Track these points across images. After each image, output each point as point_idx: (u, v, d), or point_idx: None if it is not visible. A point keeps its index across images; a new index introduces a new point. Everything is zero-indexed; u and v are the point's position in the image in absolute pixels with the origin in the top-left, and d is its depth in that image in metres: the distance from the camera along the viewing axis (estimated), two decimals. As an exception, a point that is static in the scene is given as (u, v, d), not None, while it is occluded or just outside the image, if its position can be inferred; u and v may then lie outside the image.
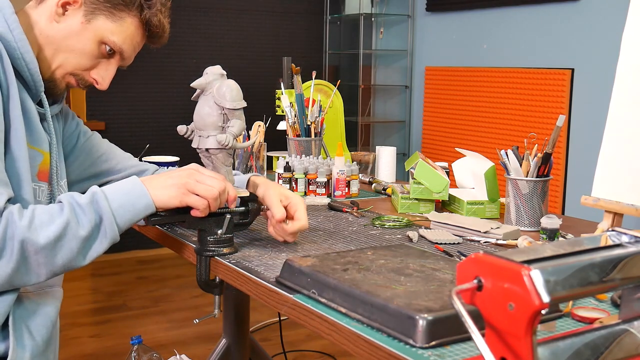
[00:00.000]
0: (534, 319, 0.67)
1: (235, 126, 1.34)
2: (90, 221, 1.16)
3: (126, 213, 1.20)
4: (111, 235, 1.19)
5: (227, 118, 1.35)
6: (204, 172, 1.27)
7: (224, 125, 1.35)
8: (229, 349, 2.03)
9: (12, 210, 1.12)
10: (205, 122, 1.35)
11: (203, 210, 1.24)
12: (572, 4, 3.58)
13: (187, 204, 1.24)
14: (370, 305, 0.98)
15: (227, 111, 1.34)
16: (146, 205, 1.22)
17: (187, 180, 1.24)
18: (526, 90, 3.80)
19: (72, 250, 1.15)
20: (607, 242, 0.81)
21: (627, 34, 1.47)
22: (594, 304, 1.10)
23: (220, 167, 1.37)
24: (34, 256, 1.12)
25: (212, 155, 1.37)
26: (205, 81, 1.39)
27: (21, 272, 1.13)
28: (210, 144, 1.35)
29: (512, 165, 1.62)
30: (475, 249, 1.41)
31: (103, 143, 1.53)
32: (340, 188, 1.91)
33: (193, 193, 1.24)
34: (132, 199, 1.21)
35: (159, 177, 1.26)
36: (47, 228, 1.12)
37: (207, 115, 1.35)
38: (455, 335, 0.92)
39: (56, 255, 1.14)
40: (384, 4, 4.86)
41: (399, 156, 2.63)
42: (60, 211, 1.15)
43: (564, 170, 3.61)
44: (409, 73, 4.74)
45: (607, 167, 1.46)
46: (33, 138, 1.25)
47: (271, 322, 3.24)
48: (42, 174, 1.27)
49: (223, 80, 1.38)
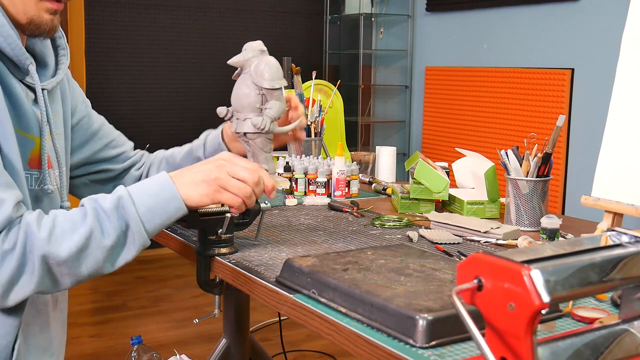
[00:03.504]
0: (534, 319, 0.67)
1: (273, 108, 1.23)
2: (115, 229, 1.08)
3: (155, 217, 1.11)
4: (140, 241, 1.10)
5: (266, 99, 1.24)
6: (237, 162, 1.17)
7: (262, 107, 1.24)
8: (229, 349, 2.03)
9: (30, 221, 1.05)
10: (243, 104, 1.24)
11: (238, 207, 1.16)
12: (572, 4, 3.58)
13: (219, 202, 1.16)
14: (370, 305, 0.98)
15: (265, 91, 1.23)
16: (177, 208, 1.13)
17: (218, 174, 1.14)
18: (526, 90, 3.80)
19: (98, 260, 1.08)
20: (607, 242, 0.81)
21: (627, 34, 1.47)
22: (594, 304, 1.10)
23: (259, 153, 1.27)
24: (57, 268, 1.05)
25: (249, 140, 1.26)
26: (244, 58, 1.25)
27: (45, 284, 1.06)
28: (248, 127, 1.24)
29: (512, 165, 1.62)
30: (475, 249, 1.41)
31: (112, 129, 1.49)
32: (340, 188, 1.91)
33: (225, 190, 1.15)
34: (162, 201, 1.12)
35: (189, 172, 1.17)
36: (69, 238, 1.05)
37: (244, 95, 1.24)
38: (455, 335, 0.92)
39: (81, 266, 1.07)
40: (384, 4, 4.86)
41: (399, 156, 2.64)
42: (83, 219, 1.07)
43: (564, 170, 3.61)
44: (409, 73, 4.74)
45: (607, 167, 1.46)
46: (23, 124, 1.16)
47: (271, 322, 3.24)
48: (34, 161, 1.19)
49: (262, 57, 1.24)
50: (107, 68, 4.25)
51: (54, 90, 1.27)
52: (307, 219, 1.65)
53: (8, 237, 1.03)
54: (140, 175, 1.50)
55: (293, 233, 1.51)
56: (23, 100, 1.16)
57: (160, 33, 4.45)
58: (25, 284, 1.04)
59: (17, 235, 1.03)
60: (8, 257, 1.03)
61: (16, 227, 1.04)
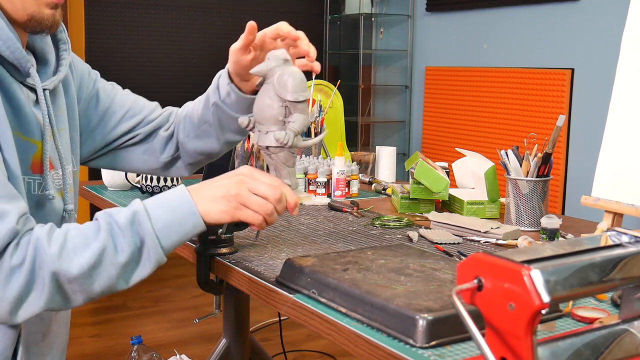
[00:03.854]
0: (534, 319, 0.67)
1: (296, 122, 1.17)
2: (130, 245, 1.03)
3: (172, 234, 1.06)
4: (156, 258, 1.05)
5: (289, 111, 1.17)
6: (258, 176, 1.12)
7: (285, 120, 1.18)
8: (229, 349, 2.03)
9: (41, 236, 1.00)
10: (265, 116, 1.18)
11: (259, 225, 1.11)
12: (572, 4, 3.58)
13: (239, 220, 1.11)
14: (370, 305, 0.98)
15: (289, 104, 1.16)
16: (195, 224, 1.07)
17: (238, 191, 1.09)
18: (526, 90, 3.80)
19: (111, 277, 1.03)
20: (607, 242, 0.81)
21: (627, 34, 1.47)
22: (594, 304, 1.10)
23: (282, 167, 1.21)
24: (68, 285, 1.01)
25: (272, 154, 1.20)
26: (267, 67, 1.18)
27: (56, 301, 1.02)
28: (270, 141, 1.18)
29: (512, 165, 1.62)
30: (475, 249, 1.41)
31: (127, 97, 1.42)
32: (340, 188, 1.91)
33: (245, 206, 1.10)
34: (179, 217, 1.06)
35: (208, 186, 1.11)
36: (80, 255, 1.00)
37: (266, 107, 1.17)
38: (455, 335, 0.92)
39: (93, 283, 1.02)
40: (384, 4, 4.86)
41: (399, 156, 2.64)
42: (96, 233, 1.03)
43: (564, 170, 3.61)
44: (409, 73, 4.74)
45: (607, 167, 1.46)
46: (24, 128, 1.13)
47: (271, 322, 3.24)
48: (36, 166, 1.16)
49: (286, 67, 1.17)
50: (107, 68, 4.24)
51: (56, 86, 1.23)
52: (307, 219, 1.65)
53: (17, 252, 0.99)
54: (170, 136, 1.42)
55: (293, 233, 1.51)
56: (24, 103, 1.13)
57: (160, 33, 4.45)
58: (34, 301, 1.00)
59: (27, 250, 0.99)
60: (16, 273, 0.98)
61: (25, 242, 1.00)
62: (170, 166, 1.44)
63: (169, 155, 1.42)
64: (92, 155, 1.39)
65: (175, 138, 1.42)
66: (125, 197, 1.91)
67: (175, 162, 1.44)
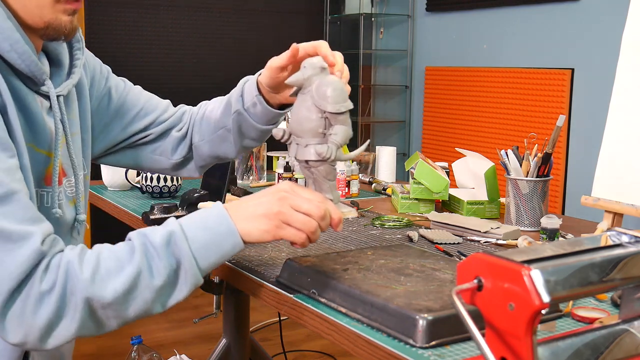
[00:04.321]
0: (534, 319, 0.67)
1: (339, 134, 1.10)
2: (166, 267, 0.98)
3: (210, 255, 1.01)
4: (193, 281, 1.01)
5: (329, 123, 1.10)
6: (300, 192, 1.06)
7: (325, 132, 1.11)
8: (229, 349, 2.03)
9: (72, 259, 0.96)
10: (303, 128, 1.11)
11: (302, 244, 1.05)
12: (572, 4, 3.58)
13: (281, 238, 1.05)
14: (370, 305, 0.98)
15: (329, 115, 1.09)
16: (234, 244, 1.02)
17: (280, 208, 1.03)
18: (526, 90, 3.80)
19: (147, 301, 0.98)
20: (607, 242, 0.81)
21: (627, 34, 1.47)
22: (594, 304, 1.10)
23: (323, 182, 1.14)
24: (102, 311, 0.96)
25: (312, 167, 1.13)
26: (303, 76, 1.12)
27: (88, 327, 0.97)
28: (310, 155, 1.11)
29: (512, 165, 1.62)
30: (475, 249, 1.41)
31: (139, 95, 1.38)
32: (340, 188, 1.91)
33: (288, 225, 1.04)
34: (217, 237, 1.02)
35: (247, 203, 1.06)
36: (114, 279, 0.96)
37: (304, 119, 1.10)
38: (455, 335, 0.92)
39: (128, 308, 0.98)
40: (384, 4, 4.86)
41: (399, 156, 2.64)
42: (131, 255, 0.98)
43: (564, 170, 3.61)
44: (409, 73, 4.74)
45: (607, 167, 1.46)
46: (37, 140, 1.10)
47: (271, 322, 3.24)
48: (49, 178, 1.13)
49: (324, 77, 1.11)
50: (107, 68, 4.24)
51: (69, 91, 1.20)
52: (307, 219, 1.65)
53: (46, 277, 0.94)
54: (183, 137, 1.39)
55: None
56: (38, 114, 1.10)
57: (160, 33, 4.45)
58: (65, 328, 0.96)
59: (57, 274, 0.94)
60: (46, 299, 0.94)
61: (55, 266, 0.95)
62: (181, 167, 1.42)
63: (180, 156, 1.39)
64: (101, 152, 1.37)
65: (188, 139, 1.39)
66: (125, 197, 1.91)
67: (187, 164, 1.41)
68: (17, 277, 0.92)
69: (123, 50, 4.28)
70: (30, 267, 0.93)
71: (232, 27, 4.66)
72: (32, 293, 0.93)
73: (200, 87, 4.55)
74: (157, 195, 1.88)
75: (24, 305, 0.93)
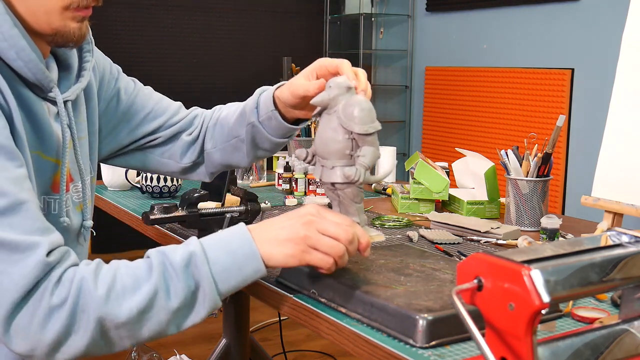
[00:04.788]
0: (534, 319, 0.68)
1: (367, 155, 1.07)
2: (184, 289, 0.95)
3: (230, 279, 0.98)
4: (211, 304, 0.97)
5: (357, 144, 1.08)
6: (327, 215, 1.02)
7: (352, 153, 1.07)
8: (229, 349, 2.03)
9: (86, 276, 0.93)
10: (329, 149, 1.08)
11: (328, 269, 1.01)
12: (572, 4, 3.58)
13: (307, 264, 1.01)
14: (370, 305, 0.98)
15: (356, 136, 1.06)
16: (255, 269, 0.99)
17: (307, 232, 1.00)
18: (526, 90, 3.80)
19: (161, 322, 0.95)
20: (607, 242, 0.81)
21: (627, 34, 1.47)
22: (594, 304, 1.10)
23: (350, 204, 1.11)
24: (115, 331, 0.94)
25: (338, 190, 1.10)
26: (329, 96, 1.07)
27: (99, 346, 0.94)
28: (337, 177, 1.08)
29: (512, 165, 1.62)
30: (475, 249, 1.41)
31: (149, 97, 1.36)
32: (340, 188, 1.91)
33: (314, 249, 1.00)
34: (239, 260, 0.98)
35: (271, 226, 1.02)
36: (130, 298, 0.93)
37: (331, 140, 1.07)
38: (455, 335, 0.92)
39: (141, 328, 0.95)
40: (384, 4, 4.86)
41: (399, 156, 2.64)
42: (148, 274, 0.95)
43: (564, 170, 3.61)
44: (409, 73, 4.74)
45: (607, 167, 1.46)
46: (45, 147, 1.08)
47: (271, 322, 3.24)
48: (57, 185, 1.11)
49: (350, 97, 1.07)
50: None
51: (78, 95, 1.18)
52: (307, 219, 1.65)
53: (57, 290, 0.92)
54: (194, 141, 1.36)
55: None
56: (45, 121, 1.08)
57: (160, 33, 4.45)
58: (74, 345, 0.93)
59: (69, 289, 0.92)
60: (56, 313, 0.91)
61: (68, 280, 0.93)
62: (191, 171, 1.39)
63: (190, 161, 1.37)
64: (109, 154, 1.35)
65: (199, 143, 1.37)
66: (125, 197, 1.91)
67: (197, 168, 1.39)
68: (22, 288, 0.90)
69: (123, 50, 4.29)
70: (36, 278, 0.91)
71: (232, 27, 4.66)
72: (41, 306, 0.91)
73: (200, 87, 4.56)
74: (157, 195, 1.88)
75: (32, 318, 0.91)
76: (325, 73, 1.16)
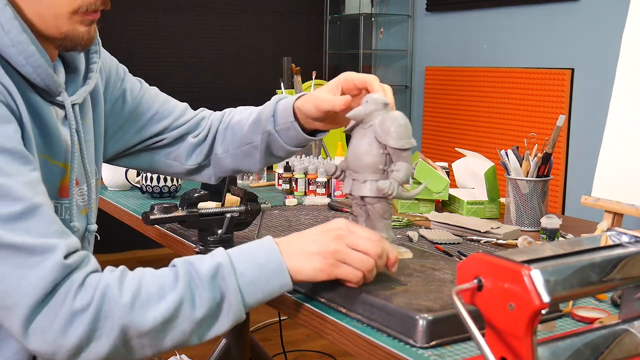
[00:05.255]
0: (534, 319, 0.67)
1: (401, 170, 1.07)
2: (209, 300, 0.94)
3: (257, 292, 0.97)
4: (235, 316, 0.97)
5: (390, 159, 1.09)
6: (356, 230, 1.02)
7: (385, 168, 1.09)
8: (229, 349, 2.03)
9: (111, 283, 0.92)
10: (362, 163, 1.09)
11: (357, 282, 1.01)
12: (572, 4, 3.58)
13: (336, 278, 1.01)
14: (370, 305, 0.98)
15: (392, 151, 1.07)
16: (282, 283, 0.98)
17: (337, 247, 0.99)
18: (526, 90, 3.80)
19: (184, 332, 0.95)
20: (607, 242, 0.81)
21: (627, 34, 1.47)
22: (594, 304, 1.10)
23: (378, 220, 1.11)
24: (137, 339, 0.92)
25: (367, 204, 1.11)
26: (365, 111, 1.09)
27: (120, 354, 0.93)
28: (368, 191, 1.08)
29: (512, 165, 1.62)
30: (475, 249, 1.41)
31: (155, 98, 1.35)
32: (340, 188, 1.91)
33: (344, 263, 1.00)
34: (266, 274, 0.98)
35: (300, 240, 1.02)
36: (155, 307, 0.92)
37: (365, 154, 1.08)
38: (455, 335, 0.92)
39: (164, 338, 0.94)
40: (384, 4, 4.86)
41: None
42: (174, 284, 0.94)
43: (564, 170, 3.61)
44: (409, 73, 4.74)
45: (607, 167, 1.46)
46: (53, 152, 1.07)
47: (271, 322, 3.23)
48: (64, 190, 1.11)
49: (387, 112, 1.09)
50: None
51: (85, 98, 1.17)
52: (307, 219, 1.65)
53: (80, 295, 0.91)
54: (200, 143, 1.36)
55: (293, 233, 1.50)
56: (53, 125, 1.07)
57: (160, 33, 4.45)
58: (95, 351, 0.91)
59: (93, 296, 0.91)
60: (78, 318, 0.90)
61: (92, 286, 0.92)
62: (196, 173, 1.39)
63: (195, 163, 1.36)
64: (114, 155, 1.35)
65: (205, 146, 1.36)
66: (125, 197, 1.91)
67: (202, 170, 1.38)
68: (40, 291, 0.89)
69: (123, 51, 4.28)
70: (55, 281, 0.90)
71: (232, 27, 4.66)
72: (62, 310, 0.90)
73: (200, 86, 4.55)
74: (157, 195, 1.88)
75: (52, 321, 0.90)
76: (352, 87, 1.16)
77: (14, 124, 0.96)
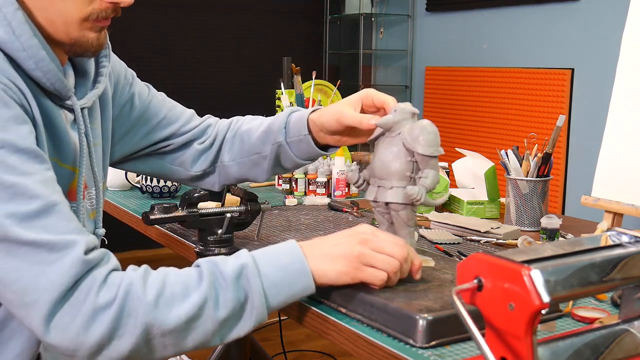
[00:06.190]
0: (534, 319, 0.68)
1: (429, 177, 1.08)
2: (233, 300, 0.94)
3: (280, 294, 0.97)
4: (258, 318, 0.96)
5: (417, 167, 1.10)
6: (380, 235, 1.03)
7: (412, 176, 1.10)
8: (229, 349, 2.03)
9: (135, 280, 0.92)
10: (389, 170, 1.10)
11: (380, 285, 1.01)
12: (572, 4, 3.58)
13: (360, 280, 1.01)
14: (370, 305, 0.98)
15: (419, 158, 1.09)
16: (305, 286, 0.98)
17: (362, 250, 1.00)
18: (526, 90, 3.80)
19: (207, 333, 0.94)
20: (607, 242, 0.81)
21: (627, 34, 1.47)
22: (594, 304, 1.10)
23: (402, 227, 1.11)
24: (160, 338, 0.92)
25: (392, 211, 1.11)
26: (394, 120, 1.11)
27: (141, 352, 0.92)
28: (393, 197, 1.09)
29: (512, 165, 1.62)
30: (475, 249, 1.41)
31: (163, 104, 1.36)
32: (340, 188, 1.91)
33: (370, 266, 1.00)
34: (290, 276, 0.98)
35: (324, 243, 1.03)
36: (179, 306, 0.92)
37: (392, 161, 1.10)
38: (455, 335, 0.92)
39: (187, 337, 0.93)
40: (384, 4, 4.86)
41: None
42: (198, 283, 0.94)
43: (564, 170, 3.61)
44: (409, 73, 4.74)
45: (607, 167, 1.46)
46: (62, 155, 1.08)
47: (271, 322, 3.23)
48: (72, 193, 1.11)
49: (415, 121, 1.12)
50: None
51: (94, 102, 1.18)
52: (307, 219, 1.65)
53: (103, 291, 0.90)
54: (205, 150, 1.36)
55: (293, 233, 1.51)
56: (63, 129, 1.08)
57: (160, 33, 4.45)
58: (116, 349, 0.91)
59: (116, 293, 0.90)
60: (101, 315, 0.89)
61: (115, 283, 0.91)
62: (200, 180, 1.39)
63: (200, 169, 1.37)
64: (120, 159, 1.35)
65: (211, 153, 1.36)
66: (125, 197, 1.91)
67: (206, 177, 1.38)
68: (61, 287, 0.89)
69: (122, 51, 4.29)
70: (75, 277, 0.90)
71: (232, 27, 4.66)
72: (85, 306, 0.89)
73: (200, 86, 4.55)
74: (157, 195, 1.88)
75: (74, 317, 0.89)
76: (370, 104, 1.18)
77: (28, 125, 0.97)
